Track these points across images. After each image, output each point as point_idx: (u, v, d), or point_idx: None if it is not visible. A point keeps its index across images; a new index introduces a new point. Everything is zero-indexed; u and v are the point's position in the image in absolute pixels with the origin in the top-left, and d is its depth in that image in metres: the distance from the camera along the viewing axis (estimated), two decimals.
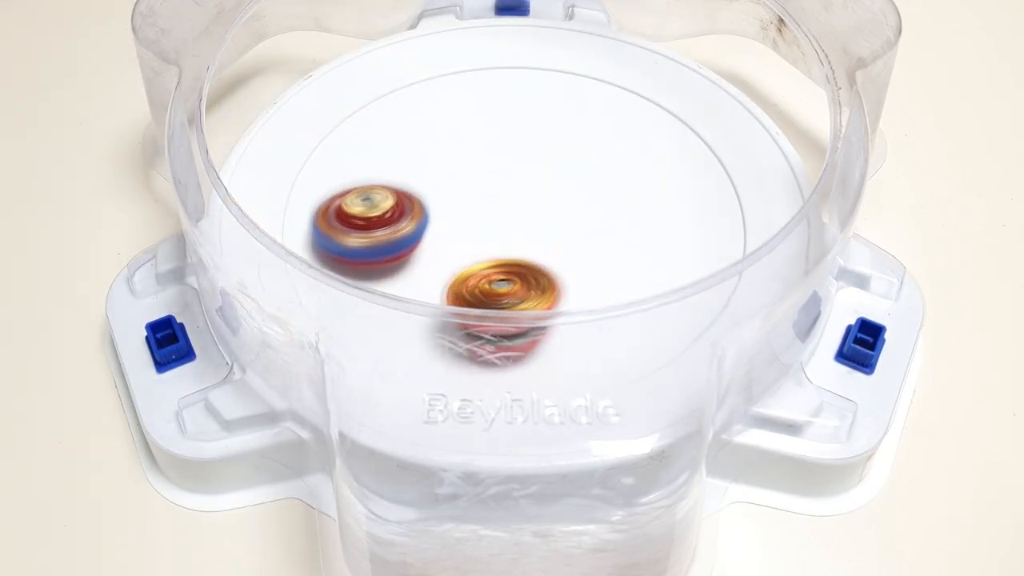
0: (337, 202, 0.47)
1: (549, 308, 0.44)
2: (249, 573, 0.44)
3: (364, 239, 0.46)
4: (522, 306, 0.44)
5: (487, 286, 0.45)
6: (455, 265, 0.47)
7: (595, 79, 0.53)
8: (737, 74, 0.56)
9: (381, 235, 0.46)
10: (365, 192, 0.47)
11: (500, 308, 0.44)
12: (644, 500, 0.39)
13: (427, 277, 0.46)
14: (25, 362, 0.49)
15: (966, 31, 0.62)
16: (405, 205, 0.47)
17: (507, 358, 0.42)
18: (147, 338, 0.46)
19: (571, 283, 0.46)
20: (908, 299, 0.48)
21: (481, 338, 0.41)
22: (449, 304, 0.44)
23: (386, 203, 0.47)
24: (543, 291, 0.45)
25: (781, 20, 0.52)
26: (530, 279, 0.45)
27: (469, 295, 0.44)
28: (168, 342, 0.46)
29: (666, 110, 0.52)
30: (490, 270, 0.45)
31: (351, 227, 0.46)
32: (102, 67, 0.59)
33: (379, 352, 0.41)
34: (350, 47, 0.55)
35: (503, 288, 0.45)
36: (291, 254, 0.41)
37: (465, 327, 0.41)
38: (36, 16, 0.62)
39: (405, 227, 0.46)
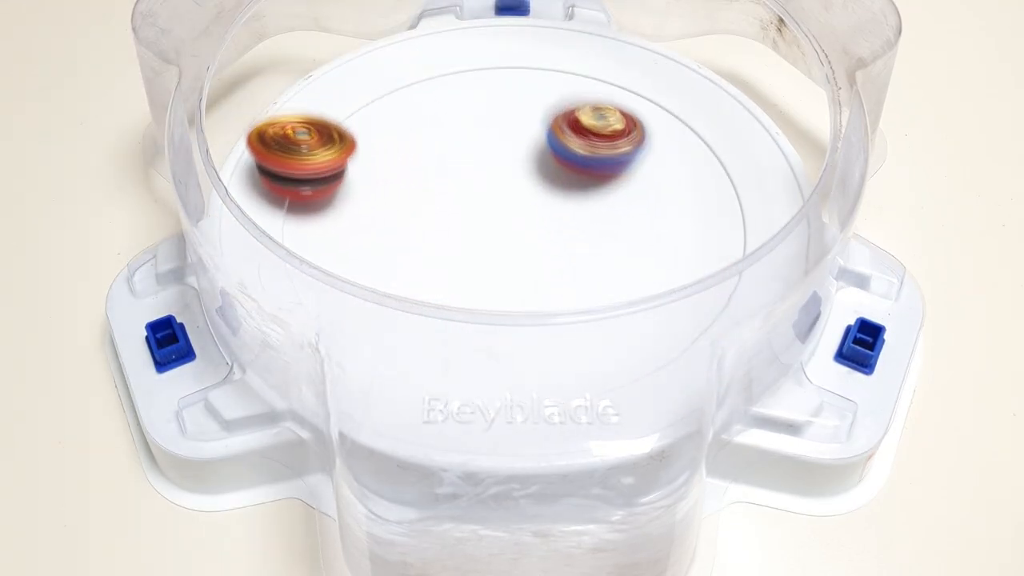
0: (574, 113, 0.49)
1: (342, 158, 0.48)
2: (249, 573, 0.44)
3: (588, 149, 0.48)
4: (317, 154, 0.48)
5: (290, 133, 0.48)
6: (455, 264, 0.47)
7: (595, 79, 0.53)
8: (737, 74, 0.56)
9: (603, 148, 0.49)
10: (600, 110, 0.49)
11: (297, 155, 0.47)
12: (644, 500, 0.39)
13: (426, 277, 0.46)
14: (25, 362, 0.49)
15: (966, 31, 0.62)
16: (630, 128, 0.49)
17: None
18: (147, 338, 0.46)
19: (571, 283, 0.46)
20: (908, 299, 0.48)
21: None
22: (250, 144, 0.48)
23: (617, 124, 0.49)
24: (338, 142, 0.48)
25: (781, 20, 0.52)
26: (328, 133, 0.48)
27: (271, 139, 0.48)
28: (168, 342, 0.46)
29: (666, 110, 0.52)
30: (295, 121, 0.48)
31: (580, 135, 0.49)
32: (102, 67, 0.60)
33: (379, 352, 0.41)
34: (350, 47, 0.55)
35: (302, 137, 0.48)
36: (291, 254, 0.41)
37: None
38: (36, 16, 0.62)
39: (623, 147, 0.49)
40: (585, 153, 0.48)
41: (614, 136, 0.48)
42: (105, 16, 0.62)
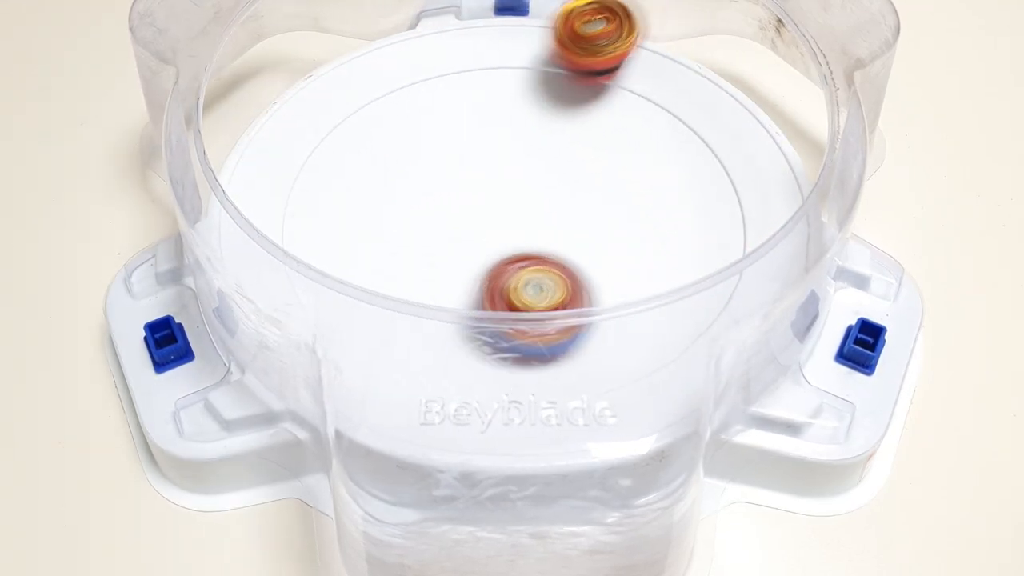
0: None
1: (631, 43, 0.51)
2: (247, 573, 0.44)
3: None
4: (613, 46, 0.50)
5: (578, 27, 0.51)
6: (454, 265, 0.47)
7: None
8: (737, 74, 0.56)
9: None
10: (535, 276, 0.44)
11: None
12: (642, 501, 0.39)
13: (425, 277, 0.46)
14: (25, 362, 0.49)
15: (965, 31, 0.62)
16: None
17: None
18: (146, 338, 0.46)
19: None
20: (907, 299, 0.48)
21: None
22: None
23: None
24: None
25: (779, 20, 0.52)
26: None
27: (566, 38, 0.51)
28: (167, 342, 0.46)
29: (666, 110, 0.52)
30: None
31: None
32: (102, 67, 0.60)
33: (376, 353, 0.41)
34: (350, 47, 0.55)
35: (596, 29, 0.51)
36: (289, 255, 0.41)
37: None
38: (36, 16, 0.62)
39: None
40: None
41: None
42: (105, 16, 0.62)
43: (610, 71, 0.52)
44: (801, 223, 0.45)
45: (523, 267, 0.44)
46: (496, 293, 0.43)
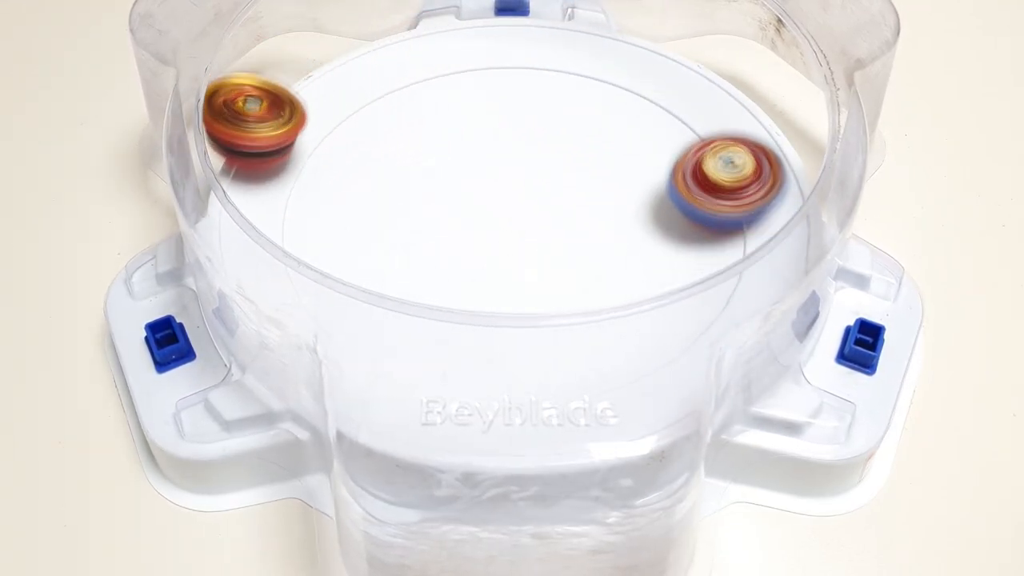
0: (696, 160, 0.46)
1: (289, 133, 0.48)
2: (247, 573, 0.44)
3: (733, 208, 0.46)
4: (262, 128, 0.48)
5: (241, 105, 0.48)
6: (454, 264, 0.47)
7: (595, 79, 0.53)
8: (737, 74, 0.56)
9: (749, 201, 0.46)
10: (725, 152, 0.46)
11: (246, 128, 0.47)
12: (642, 501, 0.39)
13: (425, 278, 0.46)
14: (25, 362, 0.49)
15: (965, 31, 0.62)
16: (762, 165, 0.46)
17: None
18: (147, 338, 0.46)
19: (570, 283, 0.46)
20: (906, 299, 0.48)
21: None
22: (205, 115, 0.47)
23: (747, 167, 0.46)
24: (289, 117, 0.48)
25: (779, 20, 0.52)
26: (280, 104, 0.48)
27: (219, 106, 0.48)
28: (168, 342, 0.46)
29: (666, 110, 0.52)
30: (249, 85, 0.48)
31: (706, 190, 0.45)
32: (102, 67, 0.60)
33: (377, 354, 0.41)
34: (350, 47, 0.55)
35: (252, 108, 0.48)
36: (289, 255, 0.41)
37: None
38: (36, 16, 0.62)
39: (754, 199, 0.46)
40: (710, 212, 0.46)
41: (743, 187, 0.45)
42: (106, 16, 0.62)
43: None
44: (801, 224, 0.45)
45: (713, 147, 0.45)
46: (689, 170, 0.45)
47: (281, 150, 0.49)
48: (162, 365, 0.46)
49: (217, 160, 0.48)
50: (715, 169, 0.46)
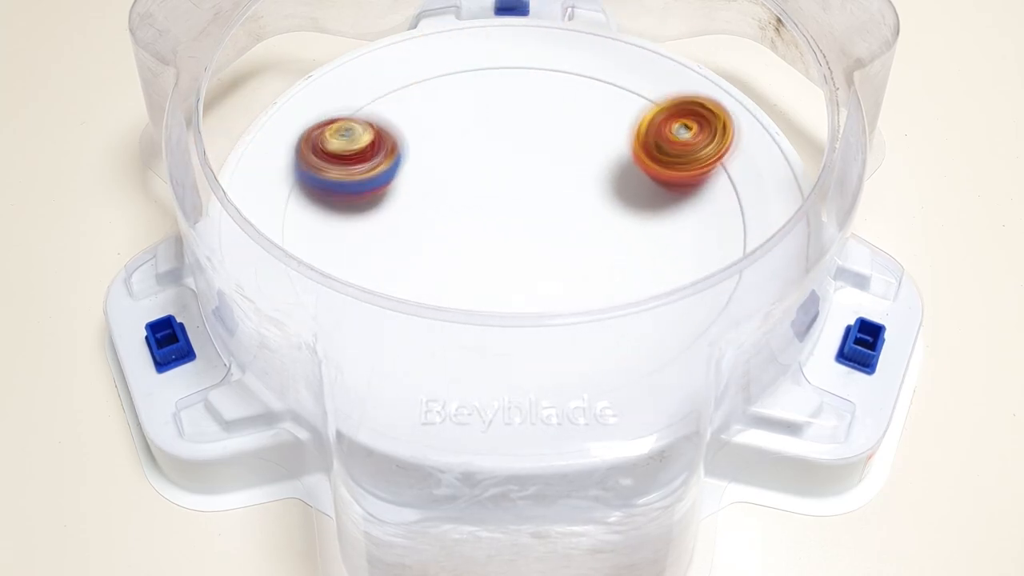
0: (316, 134, 0.48)
1: (726, 148, 0.47)
2: (247, 573, 0.44)
3: (343, 174, 0.47)
4: (705, 151, 0.47)
5: (670, 134, 0.47)
6: (453, 264, 0.47)
7: (595, 79, 0.53)
8: (737, 74, 0.56)
9: (359, 171, 0.47)
10: (344, 126, 0.48)
11: (685, 156, 0.47)
12: (642, 501, 0.39)
13: (425, 277, 0.46)
14: (25, 362, 0.49)
15: (965, 30, 0.62)
16: (382, 142, 0.48)
17: None
18: (147, 338, 0.46)
19: (570, 283, 0.46)
20: (906, 299, 0.48)
21: None
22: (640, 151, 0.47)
23: (364, 138, 0.47)
24: (722, 132, 0.47)
25: (779, 20, 0.52)
26: (709, 120, 0.47)
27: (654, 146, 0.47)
28: (168, 342, 0.46)
29: None
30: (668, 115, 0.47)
31: (330, 162, 0.47)
32: (102, 67, 0.60)
33: (377, 353, 0.41)
34: (350, 47, 0.55)
35: (684, 136, 0.47)
36: (289, 255, 0.41)
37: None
38: (36, 16, 0.62)
39: (381, 165, 0.47)
40: (341, 179, 0.47)
41: (367, 156, 0.48)
42: (105, 16, 0.62)
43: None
44: (801, 223, 0.45)
45: None
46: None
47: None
48: (162, 365, 0.46)
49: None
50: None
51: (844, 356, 0.46)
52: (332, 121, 0.48)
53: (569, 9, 0.56)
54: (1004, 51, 0.61)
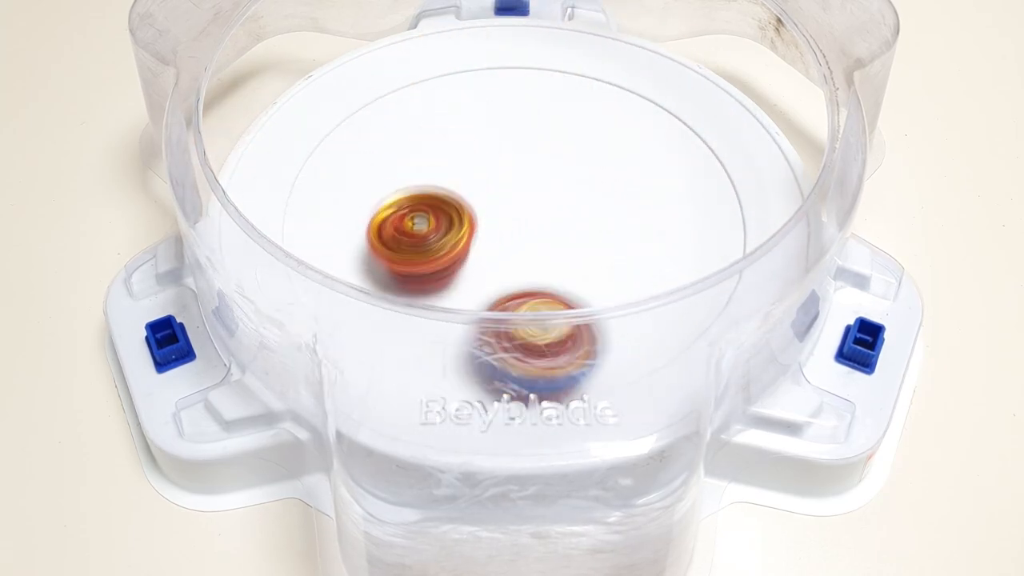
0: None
1: (468, 239, 0.45)
2: (247, 573, 0.44)
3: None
4: (443, 241, 0.45)
5: (409, 225, 0.45)
6: None
7: (595, 79, 0.53)
8: (737, 74, 0.56)
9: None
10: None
11: (422, 247, 0.45)
12: (642, 501, 0.39)
13: None
14: (24, 362, 0.49)
15: (965, 30, 0.62)
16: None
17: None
18: (147, 338, 0.46)
19: (570, 283, 0.46)
20: (906, 299, 0.48)
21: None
22: (375, 248, 0.44)
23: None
24: (460, 222, 0.45)
25: (779, 20, 0.52)
26: (444, 211, 0.45)
27: (389, 239, 0.45)
28: (168, 342, 0.46)
29: (666, 110, 0.52)
30: (401, 208, 0.45)
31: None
32: (102, 67, 0.60)
33: (376, 353, 0.41)
34: (350, 47, 0.55)
35: (422, 228, 0.45)
36: (289, 255, 0.41)
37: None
38: (36, 16, 0.62)
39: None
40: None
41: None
42: (105, 17, 0.62)
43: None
44: (801, 223, 0.45)
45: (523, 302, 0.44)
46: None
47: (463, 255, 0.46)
48: (162, 365, 0.46)
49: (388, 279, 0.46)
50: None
51: (844, 356, 0.46)
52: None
53: (569, 9, 0.56)
54: (1004, 51, 0.61)
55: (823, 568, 0.44)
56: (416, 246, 0.45)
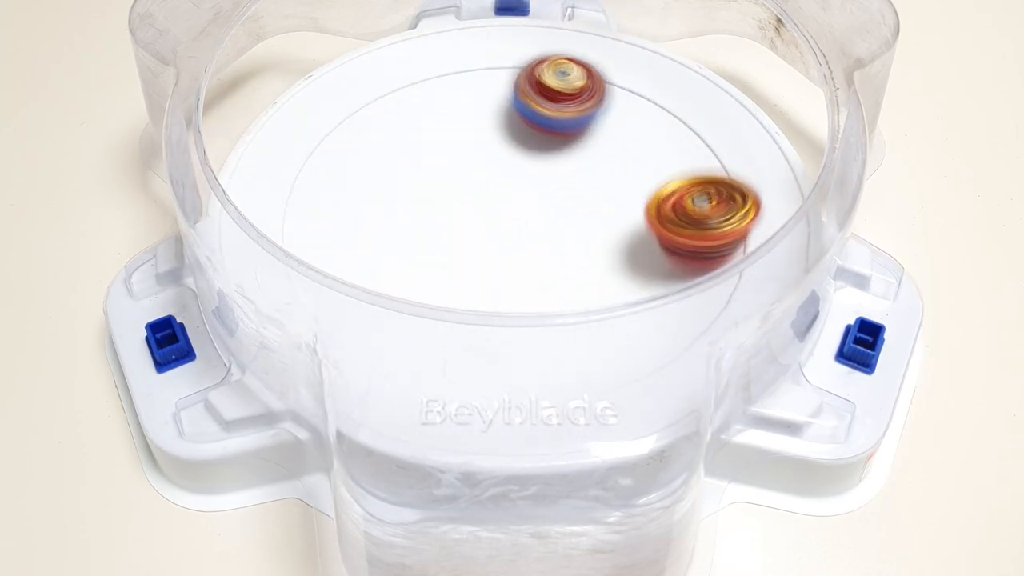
0: (535, 72, 0.50)
1: (751, 221, 0.45)
2: (247, 573, 0.44)
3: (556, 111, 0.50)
4: (726, 223, 0.45)
5: (690, 204, 0.45)
6: (454, 264, 0.47)
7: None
8: (737, 74, 0.56)
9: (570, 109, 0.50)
10: (560, 65, 0.50)
11: (706, 227, 0.45)
12: (642, 501, 0.39)
13: (425, 278, 0.46)
14: (24, 362, 0.49)
15: (965, 30, 0.62)
16: (591, 84, 0.50)
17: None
18: (147, 338, 0.46)
19: (569, 283, 0.46)
20: (906, 299, 0.48)
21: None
22: (655, 224, 0.45)
23: (579, 80, 0.50)
24: (744, 203, 0.45)
25: (779, 20, 0.52)
26: (728, 193, 0.46)
27: (667, 215, 0.45)
28: (168, 342, 0.46)
29: (666, 110, 0.52)
30: (688, 186, 0.46)
31: (546, 97, 0.50)
32: (102, 67, 0.60)
33: (377, 353, 0.41)
34: (350, 47, 0.55)
35: (703, 207, 0.45)
36: (289, 255, 0.41)
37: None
38: (36, 16, 0.62)
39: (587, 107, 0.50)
40: (553, 115, 0.50)
41: (578, 94, 0.50)
42: (105, 17, 0.62)
43: None
44: (801, 223, 0.45)
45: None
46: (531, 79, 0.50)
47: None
48: (162, 365, 0.46)
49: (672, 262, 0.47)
50: (552, 78, 0.50)
51: (844, 356, 0.46)
52: (547, 59, 0.50)
53: (569, 9, 0.56)
54: (1004, 51, 0.61)
55: (823, 568, 0.44)
56: (697, 223, 0.45)
